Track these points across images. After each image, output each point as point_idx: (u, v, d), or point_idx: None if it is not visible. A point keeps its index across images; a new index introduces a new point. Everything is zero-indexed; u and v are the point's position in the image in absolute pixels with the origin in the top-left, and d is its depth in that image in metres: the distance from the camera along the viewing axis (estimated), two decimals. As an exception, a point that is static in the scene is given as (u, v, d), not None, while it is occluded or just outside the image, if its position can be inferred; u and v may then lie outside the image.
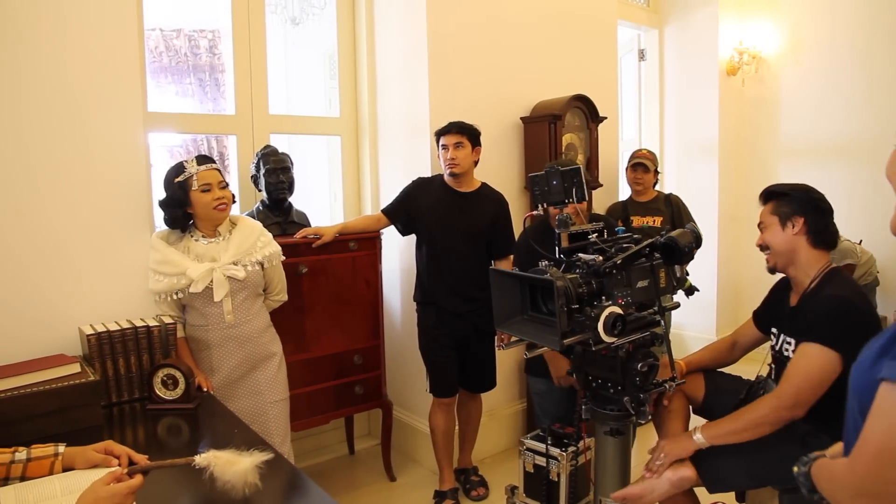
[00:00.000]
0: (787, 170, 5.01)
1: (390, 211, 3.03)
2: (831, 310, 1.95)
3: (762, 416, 1.95)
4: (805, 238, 2.07)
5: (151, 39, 4.71)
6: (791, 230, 2.08)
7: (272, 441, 2.40)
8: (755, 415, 1.97)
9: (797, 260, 2.10)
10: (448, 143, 2.87)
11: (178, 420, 2.04)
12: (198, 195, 2.28)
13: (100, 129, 2.37)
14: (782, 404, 1.92)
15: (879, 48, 4.45)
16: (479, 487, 3.12)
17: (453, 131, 2.88)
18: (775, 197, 2.14)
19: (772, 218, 2.12)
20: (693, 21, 5.11)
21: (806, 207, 2.08)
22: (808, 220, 2.06)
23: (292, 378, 2.64)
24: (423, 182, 3.05)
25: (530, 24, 3.63)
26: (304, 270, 2.85)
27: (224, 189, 2.32)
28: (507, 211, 3.05)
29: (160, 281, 2.27)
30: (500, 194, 3.05)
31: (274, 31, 4.04)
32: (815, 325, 1.94)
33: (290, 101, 4.58)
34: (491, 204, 2.99)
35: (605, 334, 1.66)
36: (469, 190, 2.97)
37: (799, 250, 2.08)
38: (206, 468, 1.36)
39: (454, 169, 2.87)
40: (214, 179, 2.29)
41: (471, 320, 2.94)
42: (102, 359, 2.11)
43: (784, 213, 2.09)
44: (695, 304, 3.63)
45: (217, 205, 2.29)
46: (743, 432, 1.98)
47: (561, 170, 1.93)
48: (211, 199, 2.28)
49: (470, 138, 2.90)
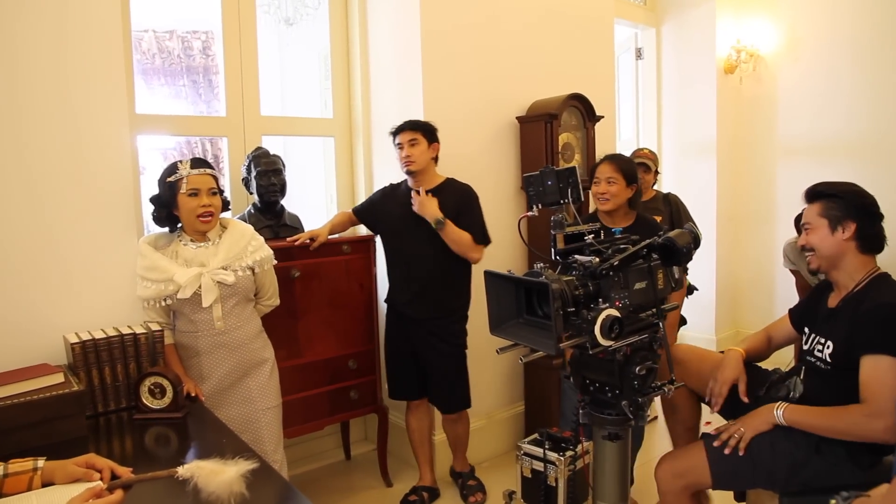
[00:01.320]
0: (785, 169, 4.98)
1: (359, 211, 3.03)
2: (891, 317, 1.86)
3: (849, 429, 1.88)
4: (854, 243, 1.99)
5: (144, 41, 4.68)
6: (841, 235, 1.99)
7: (265, 449, 2.36)
8: (843, 424, 1.89)
9: (842, 264, 2.02)
10: (403, 142, 2.82)
11: (166, 430, 1.99)
12: (184, 199, 2.23)
13: (84, 132, 2.32)
14: (875, 426, 1.82)
15: (878, 46, 4.42)
16: (476, 493, 3.06)
17: (407, 129, 2.83)
18: (824, 197, 2.03)
19: (820, 220, 2.01)
20: (690, 19, 5.08)
21: (859, 212, 1.98)
22: (859, 226, 1.97)
23: (285, 384, 2.59)
24: (392, 188, 3.03)
25: (526, 23, 3.59)
26: (296, 274, 2.80)
27: (214, 196, 2.26)
28: (471, 199, 2.90)
29: (148, 287, 2.22)
30: (465, 186, 2.93)
31: (267, 31, 4.00)
32: (877, 335, 1.86)
33: (285, 102, 4.54)
34: (452, 197, 2.86)
35: (602, 338, 1.61)
36: (427, 188, 2.88)
37: (846, 255, 2.00)
38: (189, 479, 1.31)
39: (410, 167, 2.82)
40: (205, 185, 2.24)
41: (430, 329, 2.88)
42: (88, 368, 2.05)
43: (835, 217, 1.99)
44: (694, 304, 3.62)
45: (201, 213, 2.23)
46: (824, 431, 1.93)
47: (556, 170, 1.88)
48: (196, 205, 2.23)
49: (425, 134, 2.84)
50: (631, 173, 2.76)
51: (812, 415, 1.96)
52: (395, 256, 2.95)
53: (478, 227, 2.85)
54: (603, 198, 2.73)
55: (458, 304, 2.94)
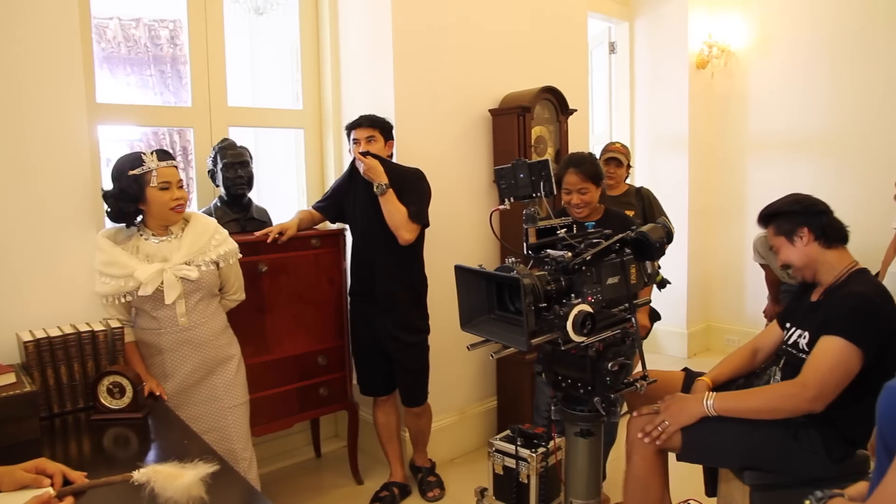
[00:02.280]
0: (755, 163, 5.02)
1: (321, 208, 2.98)
2: (855, 305, 1.95)
3: (781, 403, 1.95)
4: (816, 244, 2.08)
5: (109, 29, 4.55)
6: (801, 242, 2.09)
7: (232, 448, 2.31)
8: (774, 399, 1.97)
9: (819, 266, 2.10)
10: (360, 138, 2.77)
11: (125, 431, 1.92)
12: (155, 193, 2.14)
13: (38, 121, 2.23)
14: (806, 395, 1.90)
15: (846, 43, 4.46)
16: (434, 488, 3.03)
17: (365, 125, 2.78)
18: (772, 219, 2.15)
19: (779, 239, 2.13)
20: (663, 14, 5.09)
21: (804, 216, 2.09)
22: (811, 228, 2.07)
23: (253, 381, 2.53)
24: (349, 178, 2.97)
25: (499, 15, 3.55)
26: (264, 269, 2.73)
27: (181, 189, 2.20)
28: (417, 179, 2.81)
29: (107, 283, 2.14)
30: (410, 169, 2.84)
31: (237, 20, 3.90)
32: (838, 319, 1.94)
33: (256, 93, 4.45)
34: (400, 176, 2.78)
35: (574, 333, 1.59)
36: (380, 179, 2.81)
37: (816, 256, 2.09)
38: (145, 484, 1.26)
39: None
40: (174, 178, 2.17)
41: (391, 322, 2.85)
42: (42, 367, 1.97)
43: (787, 231, 2.10)
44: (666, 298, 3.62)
45: (175, 206, 2.17)
46: (756, 413, 1.99)
47: (528, 163, 1.85)
48: (169, 198, 2.15)
49: (382, 132, 2.81)
50: (597, 175, 2.72)
51: (743, 398, 2.04)
52: (361, 247, 2.89)
53: (416, 205, 2.76)
54: (577, 208, 2.71)
55: (411, 294, 2.89)
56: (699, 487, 2.36)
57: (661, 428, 2.06)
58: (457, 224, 3.33)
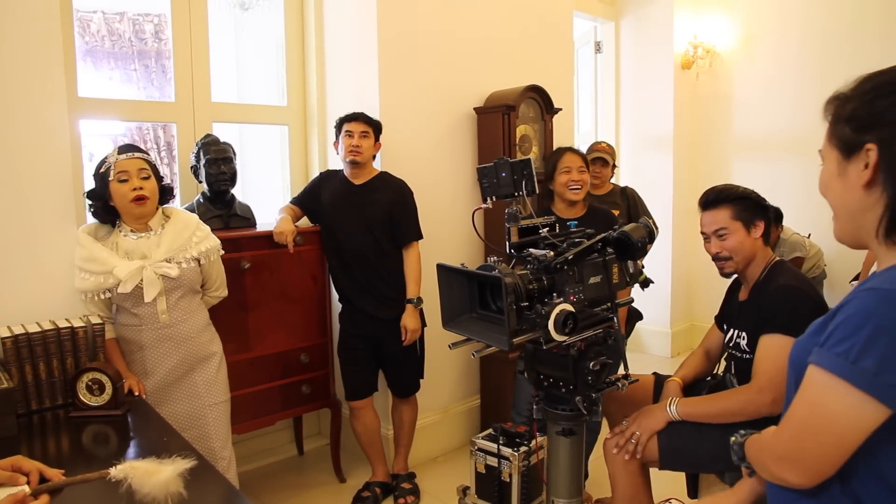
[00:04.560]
0: (740, 164, 5.06)
1: (298, 203, 2.98)
2: (785, 299, 1.97)
3: (741, 407, 1.96)
4: (761, 239, 2.13)
5: (94, 22, 4.50)
6: (755, 233, 2.11)
7: (212, 446, 2.29)
8: (735, 404, 1.98)
9: (753, 260, 2.13)
10: (354, 131, 2.78)
11: (104, 428, 1.90)
12: (115, 186, 2.13)
13: (17, 114, 2.19)
14: (764, 399, 1.92)
15: (829, 45, 4.51)
16: (408, 495, 2.99)
17: (361, 120, 2.80)
18: (731, 201, 2.13)
19: (735, 224, 2.11)
20: (649, 14, 5.11)
21: (764, 211, 2.13)
22: (765, 223, 2.13)
23: (235, 379, 2.52)
24: (328, 175, 3.00)
25: (485, 14, 3.55)
26: (246, 266, 2.72)
27: (146, 180, 2.16)
28: (406, 197, 2.88)
29: (86, 279, 2.12)
30: (399, 181, 2.90)
31: (222, 15, 3.87)
32: (772, 316, 1.96)
33: (241, 89, 4.42)
34: (386, 192, 2.84)
35: (555, 332, 1.59)
36: (363, 181, 2.85)
37: (757, 251, 2.12)
38: (123, 481, 1.25)
39: (357, 157, 2.77)
40: (133, 167, 2.14)
41: (384, 320, 2.85)
42: (20, 363, 1.95)
43: (746, 219, 2.11)
44: (649, 296, 3.64)
45: (134, 196, 2.13)
46: (717, 417, 2.00)
47: (510, 161, 1.85)
48: (127, 189, 2.12)
49: (375, 131, 2.84)
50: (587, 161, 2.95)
51: (705, 403, 2.06)
52: (339, 248, 2.88)
53: (414, 225, 2.88)
54: (575, 186, 2.83)
55: (400, 293, 2.88)
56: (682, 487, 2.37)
57: (634, 440, 2.08)
58: (440, 223, 3.32)
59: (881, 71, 1.09)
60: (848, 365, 0.99)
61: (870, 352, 0.97)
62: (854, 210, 1.11)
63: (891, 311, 0.98)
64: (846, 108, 1.10)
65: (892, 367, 0.96)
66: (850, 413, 1.01)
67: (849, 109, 1.10)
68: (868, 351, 0.98)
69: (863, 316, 1.00)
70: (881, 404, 0.98)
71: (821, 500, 1.10)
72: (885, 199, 1.05)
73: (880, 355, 0.97)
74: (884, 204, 1.05)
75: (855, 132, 1.08)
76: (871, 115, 1.05)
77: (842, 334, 1.01)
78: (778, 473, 1.13)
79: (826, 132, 1.17)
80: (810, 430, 1.06)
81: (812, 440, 1.06)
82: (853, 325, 1.00)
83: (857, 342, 0.99)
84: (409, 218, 2.87)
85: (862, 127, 1.07)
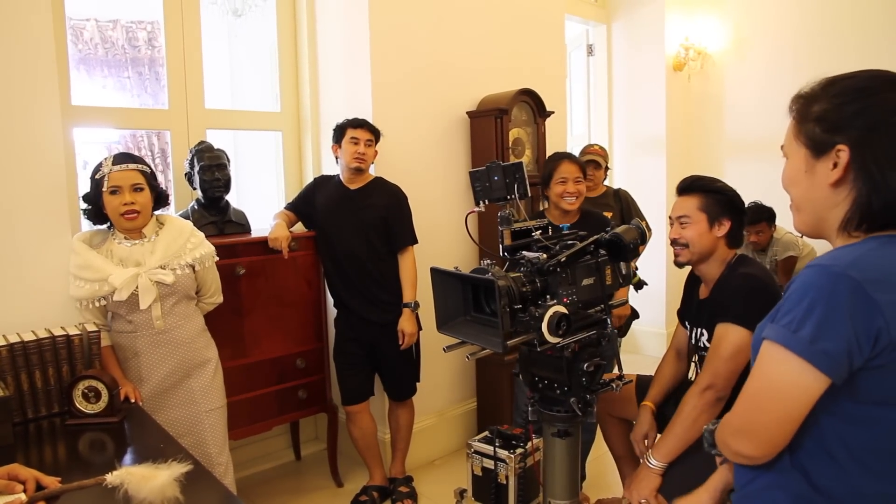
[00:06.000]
0: (732, 164, 5.08)
1: (293, 208, 2.99)
2: (742, 289, 1.98)
3: (692, 407, 1.98)
4: (724, 240, 2.10)
5: (87, 30, 4.50)
6: (717, 231, 2.08)
7: (209, 452, 2.30)
8: (687, 410, 1.99)
9: (711, 259, 2.12)
10: (360, 138, 2.80)
11: (101, 435, 1.91)
12: (107, 197, 2.14)
13: (10, 123, 2.20)
14: (701, 386, 1.95)
15: (820, 45, 4.55)
16: (406, 499, 2.99)
17: (367, 127, 2.83)
18: (703, 192, 2.12)
19: (700, 215, 2.10)
20: (640, 16, 5.13)
21: (734, 210, 2.10)
22: (733, 224, 2.09)
23: (231, 384, 2.52)
24: (322, 180, 3.02)
25: (477, 17, 3.56)
26: (241, 272, 2.72)
27: (138, 192, 2.16)
28: (401, 202, 2.91)
29: (81, 287, 2.12)
30: (394, 187, 2.93)
31: (215, 22, 3.88)
32: (728, 305, 1.97)
33: (235, 95, 4.42)
34: (381, 198, 2.87)
35: (549, 334, 1.60)
36: (358, 186, 2.88)
37: (715, 251, 2.10)
38: (119, 487, 1.26)
39: (362, 164, 2.81)
40: (126, 182, 2.14)
41: (380, 324, 2.86)
42: (16, 372, 1.95)
43: (714, 213, 2.08)
44: (644, 298, 3.65)
45: (125, 211, 2.14)
46: (687, 433, 1.99)
47: (503, 165, 1.86)
48: (118, 203, 2.13)
49: (376, 139, 2.88)
50: (585, 169, 2.95)
51: (673, 436, 2.03)
52: (334, 252, 2.88)
53: (409, 230, 2.91)
54: (571, 196, 2.83)
55: (395, 297, 2.89)
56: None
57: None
58: (434, 226, 3.33)
59: (847, 75, 1.12)
60: (790, 334, 1.05)
61: (807, 321, 1.03)
62: (820, 206, 1.15)
63: (828, 283, 1.03)
64: (814, 109, 1.13)
65: (825, 333, 1.01)
66: (793, 381, 1.06)
67: (818, 110, 1.13)
68: (806, 320, 1.03)
69: (804, 289, 1.05)
70: (819, 372, 1.03)
71: (774, 472, 1.15)
72: (852, 197, 1.10)
73: (815, 323, 1.02)
74: (850, 201, 1.10)
75: (826, 132, 1.11)
76: (843, 118, 1.09)
77: (787, 307, 1.07)
78: (735, 447, 1.16)
79: (790, 129, 1.20)
80: (762, 401, 1.11)
81: (763, 411, 1.10)
82: (796, 298, 1.06)
83: (798, 313, 1.04)
84: (405, 222, 2.89)
85: (832, 128, 1.10)
